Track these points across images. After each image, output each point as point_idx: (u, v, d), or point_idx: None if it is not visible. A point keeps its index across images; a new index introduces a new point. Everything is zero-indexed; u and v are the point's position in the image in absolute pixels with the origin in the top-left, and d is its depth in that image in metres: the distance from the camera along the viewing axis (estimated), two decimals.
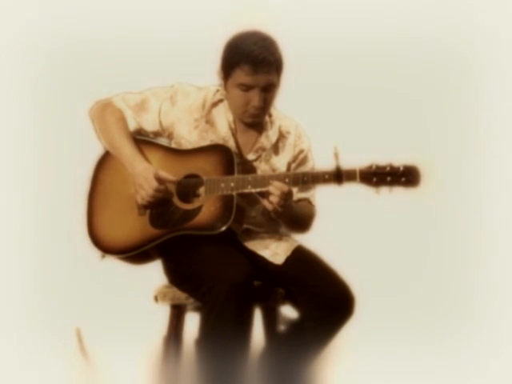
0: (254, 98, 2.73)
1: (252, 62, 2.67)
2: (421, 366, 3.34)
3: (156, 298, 2.88)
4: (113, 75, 3.78)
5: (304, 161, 2.91)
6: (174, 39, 3.87)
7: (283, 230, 2.92)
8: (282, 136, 2.89)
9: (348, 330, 2.74)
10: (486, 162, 4.01)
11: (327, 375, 2.87)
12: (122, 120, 2.85)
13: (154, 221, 2.77)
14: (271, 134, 2.87)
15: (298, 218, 2.86)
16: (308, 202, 2.91)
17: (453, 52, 4.01)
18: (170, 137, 2.86)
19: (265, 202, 2.68)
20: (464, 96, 4.04)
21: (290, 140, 2.90)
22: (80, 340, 3.43)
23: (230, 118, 2.85)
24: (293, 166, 2.89)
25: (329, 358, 2.79)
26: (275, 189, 2.64)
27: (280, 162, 2.87)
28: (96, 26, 3.88)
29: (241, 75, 2.71)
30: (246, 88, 2.73)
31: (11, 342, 3.57)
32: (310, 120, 2.99)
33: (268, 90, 2.74)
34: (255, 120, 2.82)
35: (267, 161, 2.86)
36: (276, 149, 2.88)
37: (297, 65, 2.86)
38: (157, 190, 2.74)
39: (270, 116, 2.89)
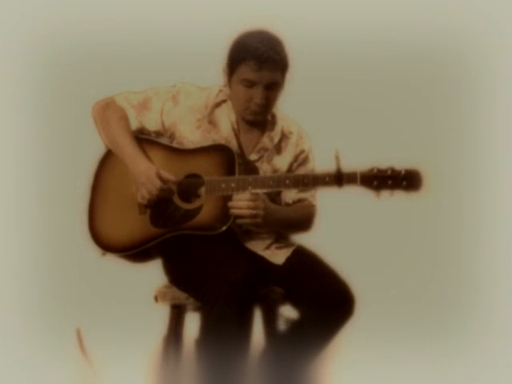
0: (257, 94, 2.74)
1: (257, 58, 2.68)
2: (421, 367, 3.33)
3: (156, 298, 2.88)
4: (115, 74, 3.79)
5: (305, 161, 2.90)
6: (176, 39, 3.88)
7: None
8: (284, 136, 2.89)
9: (348, 330, 2.74)
10: (487, 165, 4.02)
11: (327, 375, 2.87)
12: (124, 119, 2.85)
13: (155, 220, 2.78)
14: (274, 135, 2.87)
15: (292, 223, 2.85)
16: (308, 202, 2.90)
17: (455, 55, 4.02)
18: (171, 137, 2.86)
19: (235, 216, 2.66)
20: (466, 100, 4.05)
21: (292, 140, 2.90)
22: (80, 340, 3.42)
23: (233, 118, 2.85)
24: (294, 165, 2.89)
25: (329, 358, 2.79)
26: (242, 202, 2.64)
27: (282, 162, 2.87)
28: (98, 24, 3.89)
29: (245, 71, 2.71)
30: (250, 84, 2.73)
31: (11, 342, 3.56)
32: (312, 122, 2.99)
33: (271, 88, 2.74)
34: (256, 118, 2.81)
35: (269, 161, 2.86)
36: (278, 149, 2.88)
37: (298, 66, 2.86)
38: (160, 189, 2.74)
39: (273, 117, 2.89)
